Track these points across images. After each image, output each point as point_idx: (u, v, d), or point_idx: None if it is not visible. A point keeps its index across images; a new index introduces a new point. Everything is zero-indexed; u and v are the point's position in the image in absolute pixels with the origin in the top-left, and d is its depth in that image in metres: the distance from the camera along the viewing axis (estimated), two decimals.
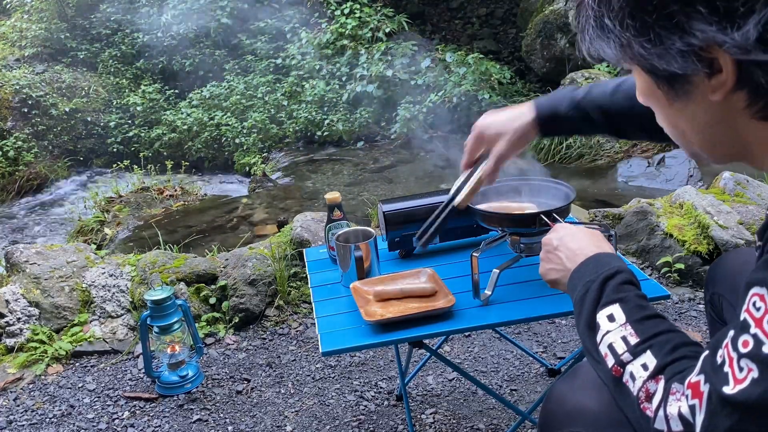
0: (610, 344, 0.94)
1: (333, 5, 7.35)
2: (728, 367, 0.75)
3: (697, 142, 0.86)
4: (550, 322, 2.56)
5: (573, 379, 1.07)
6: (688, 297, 2.63)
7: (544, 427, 1.08)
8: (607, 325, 0.96)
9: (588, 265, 1.08)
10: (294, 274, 2.82)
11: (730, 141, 0.82)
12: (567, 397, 1.04)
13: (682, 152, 4.56)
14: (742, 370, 0.73)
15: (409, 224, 1.74)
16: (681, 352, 0.88)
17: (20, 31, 7.72)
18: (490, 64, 6.46)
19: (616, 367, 0.92)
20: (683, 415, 0.81)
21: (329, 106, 6.82)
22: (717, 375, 0.76)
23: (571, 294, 1.09)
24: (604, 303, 0.98)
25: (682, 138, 0.88)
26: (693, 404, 0.79)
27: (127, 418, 2.21)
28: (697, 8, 0.70)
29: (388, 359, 2.41)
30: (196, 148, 6.77)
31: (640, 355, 0.90)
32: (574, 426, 1.01)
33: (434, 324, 1.44)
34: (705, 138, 0.84)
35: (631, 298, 0.98)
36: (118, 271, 2.80)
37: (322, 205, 4.39)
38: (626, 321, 0.94)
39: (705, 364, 0.80)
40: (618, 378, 0.91)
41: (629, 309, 0.96)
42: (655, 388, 0.86)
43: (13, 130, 6.72)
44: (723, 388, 0.74)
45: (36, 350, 2.53)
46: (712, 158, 0.88)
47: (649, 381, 0.87)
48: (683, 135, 0.87)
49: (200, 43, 7.86)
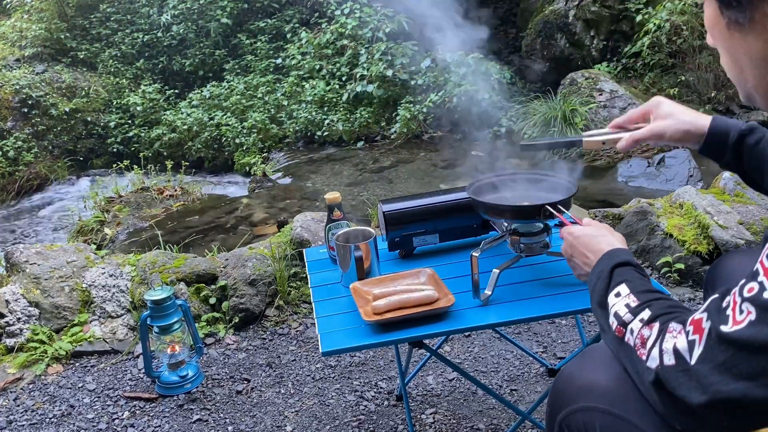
0: (615, 312, 1.02)
1: (333, 5, 7.35)
2: (731, 310, 0.82)
3: (752, 79, 0.90)
4: (550, 322, 2.56)
5: (581, 359, 1.09)
6: (688, 297, 2.63)
7: (554, 405, 1.08)
8: (614, 300, 1.04)
9: (603, 260, 1.17)
10: (294, 274, 2.82)
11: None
12: (576, 375, 1.06)
13: (682, 152, 4.57)
14: (743, 313, 0.80)
15: (409, 224, 1.74)
16: (676, 309, 0.96)
17: (20, 31, 7.71)
18: (490, 64, 6.46)
19: (619, 327, 1.00)
20: (678, 350, 0.87)
21: (329, 106, 6.82)
22: (719, 315, 0.83)
23: (588, 286, 1.18)
24: (613, 285, 1.07)
25: (740, 75, 0.92)
26: (693, 339, 0.85)
27: (127, 418, 2.21)
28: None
29: (388, 359, 2.41)
30: (196, 148, 6.77)
31: (639, 313, 0.98)
32: (584, 401, 1.02)
33: (434, 324, 1.44)
34: (760, 74, 0.88)
35: (637, 278, 1.07)
36: (118, 271, 2.80)
37: (322, 205, 4.39)
38: (630, 292, 1.03)
39: (710, 305, 0.86)
40: (621, 338, 0.99)
41: (633, 285, 1.05)
42: (649, 333, 0.93)
43: (13, 130, 6.71)
44: (721, 326, 0.81)
45: (36, 350, 2.53)
46: (764, 102, 0.91)
47: (643, 328, 0.95)
48: (741, 71, 0.91)
49: (200, 43, 7.86)
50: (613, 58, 6.10)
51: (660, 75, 5.73)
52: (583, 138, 1.45)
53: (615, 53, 6.10)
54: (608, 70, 5.89)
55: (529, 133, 5.36)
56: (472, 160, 5.67)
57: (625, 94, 5.31)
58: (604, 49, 6.16)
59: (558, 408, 1.06)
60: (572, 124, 5.11)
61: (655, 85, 5.71)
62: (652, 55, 5.70)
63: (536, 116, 5.35)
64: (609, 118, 5.09)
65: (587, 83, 5.48)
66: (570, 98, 5.31)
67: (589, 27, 6.16)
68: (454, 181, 5.24)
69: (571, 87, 5.54)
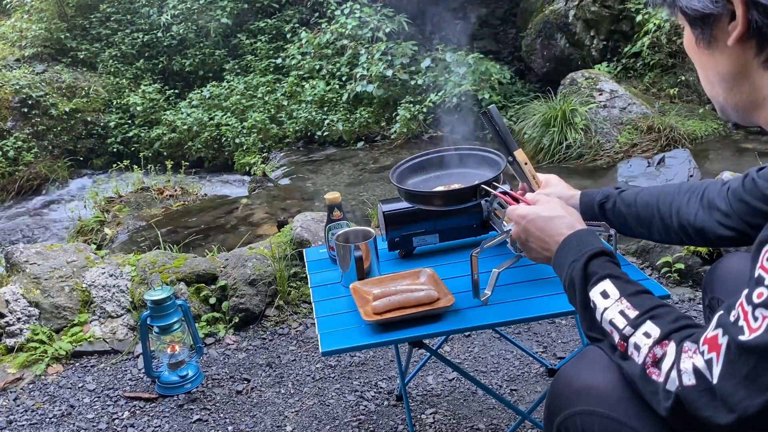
0: (611, 320, 0.99)
1: (333, 5, 7.35)
2: (743, 321, 0.78)
3: (722, 94, 0.92)
4: (550, 322, 2.56)
5: (580, 361, 1.07)
6: (688, 297, 2.63)
7: (552, 408, 1.07)
8: (602, 302, 1.01)
9: (570, 246, 1.14)
10: (294, 274, 2.82)
11: (749, 95, 0.88)
12: (574, 378, 1.04)
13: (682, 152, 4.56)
14: (757, 320, 0.76)
15: (409, 224, 1.74)
16: (683, 322, 0.93)
17: (20, 31, 7.71)
18: (490, 64, 6.46)
19: (621, 342, 0.96)
20: (698, 369, 0.83)
21: (329, 106, 6.82)
22: (734, 328, 0.80)
23: (559, 276, 1.15)
24: (594, 281, 1.04)
25: (712, 90, 0.94)
26: (710, 358, 0.82)
27: (127, 418, 2.21)
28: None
29: (388, 359, 2.41)
30: (196, 148, 6.76)
31: (640, 326, 0.94)
32: (582, 404, 1.01)
33: (434, 324, 1.44)
34: (728, 88, 0.90)
35: (620, 273, 1.04)
36: (118, 271, 2.80)
37: (322, 205, 4.39)
38: (620, 296, 1.00)
39: (721, 320, 0.83)
40: (624, 352, 0.96)
41: (621, 284, 1.02)
42: (662, 352, 0.89)
43: (13, 130, 6.71)
44: (739, 336, 0.78)
45: (36, 350, 2.53)
46: (737, 114, 0.93)
47: (655, 347, 0.91)
48: (713, 87, 0.93)
49: (200, 43, 7.86)
50: (613, 58, 6.10)
51: (660, 75, 5.73)
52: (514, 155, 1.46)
53: (615, 53, 6.10)
54: (608, 70, 5.89)
55: (529, 133, 5.36)
56: None
57: (625, 94, 5.31)
58: (604, 49, 6.16)
59: (556, 410, 1.05)
60: (572, 124, 5.11)
61: (655, 85, 5.72)
62: (652, 55, 5.70)
63: (536, 116, 5.35)
64: (609, 118, 5.09)
65: (587, 83, 5.48)
66: (570, 98, 5.31)
67: (589, 27, 6.16)
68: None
69: (571, 87, 5.54)
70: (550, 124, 5.19)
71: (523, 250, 1.28)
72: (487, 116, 1.42)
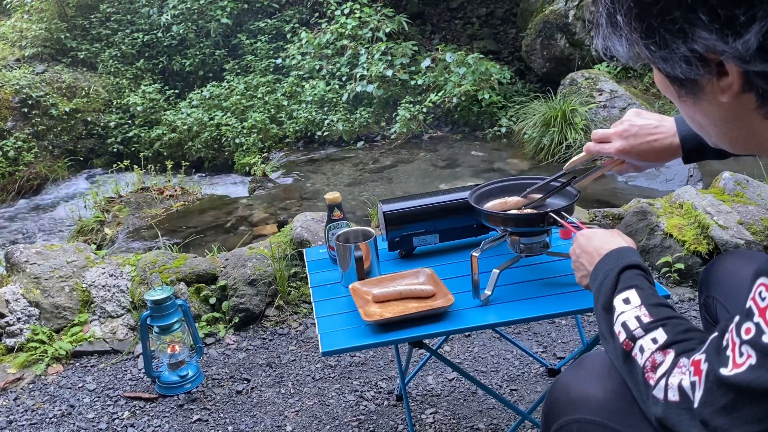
0: (623, 322, 0.99)
1: (333, 5, 7.35)
2: (731, 351, 0.78)
3: (714, 134, 0.86)
4: (550, 322, 2.56)
5: (578, 369, 1.07)
6: (688, 297, 2.63)
7: (549, 414, 1.07)
8: (622, 306, 1.01)
9: (610, 258, 1.14)
10: (294, 274, 2.82)
11: (746, 137, 0.82)
12: (572, 386, 1.05)
13: None
14: (742, 356, 0.76)
15: (409, 224, 1.74)
16: (692, 335, 0.92)
17: (20, 31, 7.71)
18: (490, 64, 6.46)
19: (627, 341, 0.96)
20: (683, 388, 0.84)
21: (329, 106, 6.82)
22: (719, 357, 0.79)
23: (591, 286, 1.15)
24: (621, 289, 1.04)
25: (701, 130, 0.88)
26: (694, 381, 0.83)
27: (127, 418, 2.21)
28: (698, 15, 0.69)
29: (388, 359, 2.42)
30: (196, 148, 6.77)
31: (651, 331, 0.94)
32: (578, 413, 1.01)
33: (434, 324, 1.44)
34: (721, 132, 0.84)
35: (647, 287, 1.04)
36: (118, 271, 2.80)
37: (322, 205, 4.39)
38: (641, 303, 0.99)
39: (710, 345, 0.83)
40: (627, 352, 0.96)
41: (645, 294, 1.01)
42: (662, 359, 0.90)
43: (13, 130, 6.71)
44: (720, 369, 0.78)
45: (36, 350, 2.53)
46: (733, 150, 0.89)
47: (657, 352, 0.91)
48: (701, 128, 0.87)
49: (200, 43, 7.86)
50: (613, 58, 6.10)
51: None
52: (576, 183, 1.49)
53: None
54: (608, 70, 5.89)
55: (529, 133, 5.36)
56: (472, 160, 5.68)
57: (625, 94, 5.31)
58: None
59: (553, 417, 1.06)
60: (572, 124, 5.11)
61: (655, 85, 5.71)
62: None
63: (536, 116, 5.35)
64: (609, 118, 5.09)
65: (587, 83, 5.48)
66: (570, 98, 5.32)
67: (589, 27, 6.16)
68: (454, 181, 5.24)
69: (571, 87, 5.54)
70: (550, 124, 5.19)
71: (574, 270, 1.27)
72: None
